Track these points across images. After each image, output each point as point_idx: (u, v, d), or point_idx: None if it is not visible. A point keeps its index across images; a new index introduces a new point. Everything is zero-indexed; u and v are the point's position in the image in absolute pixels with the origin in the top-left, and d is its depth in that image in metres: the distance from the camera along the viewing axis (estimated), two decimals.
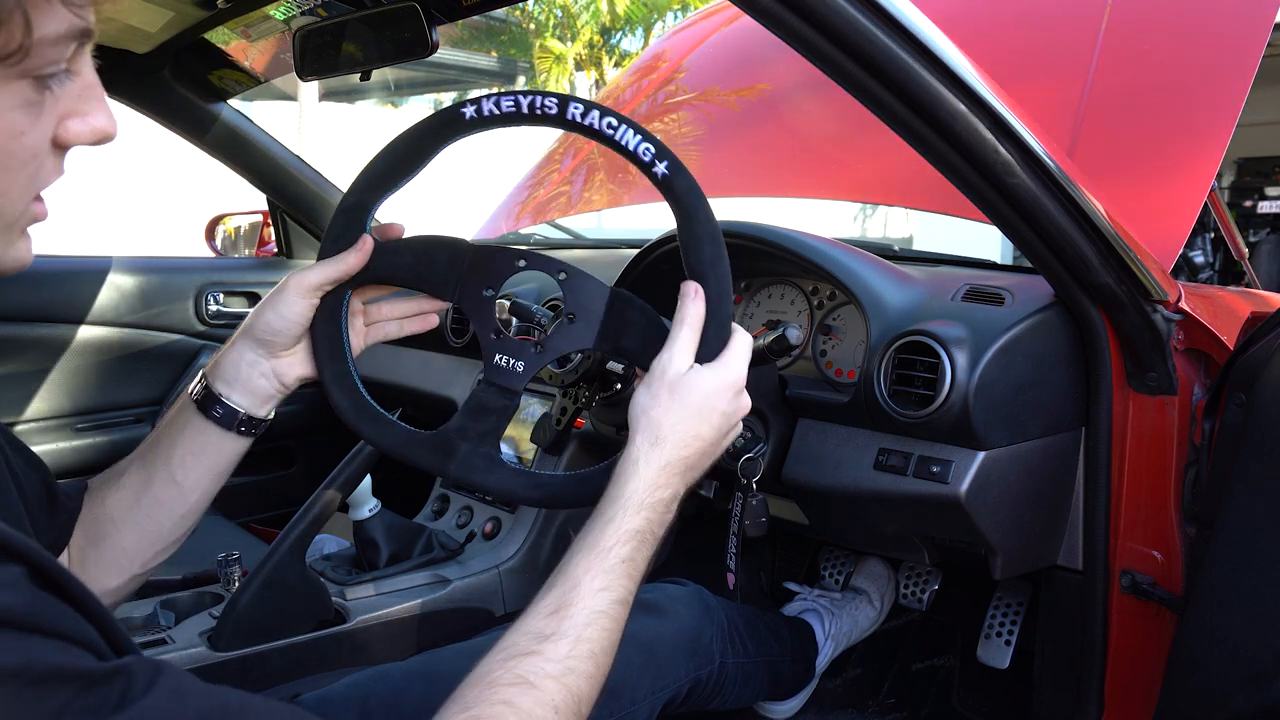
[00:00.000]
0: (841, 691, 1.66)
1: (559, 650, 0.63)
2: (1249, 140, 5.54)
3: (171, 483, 0.81)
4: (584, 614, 0.65)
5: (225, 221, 2.40)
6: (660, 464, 0.72)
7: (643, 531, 0.71)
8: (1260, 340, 1.03)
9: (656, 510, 0.72)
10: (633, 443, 0.73)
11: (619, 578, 0.68)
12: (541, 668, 0.62)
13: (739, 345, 0.78)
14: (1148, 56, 1.51)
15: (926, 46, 0.83)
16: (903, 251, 1.73)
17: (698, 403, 0.74)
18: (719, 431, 0.76)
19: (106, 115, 0.53)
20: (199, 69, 1.71)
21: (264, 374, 0.83)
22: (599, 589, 0.67)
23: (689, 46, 2.28)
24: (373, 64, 1.24)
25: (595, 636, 0.65)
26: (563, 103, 0.77)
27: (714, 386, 0.75)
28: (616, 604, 0.68)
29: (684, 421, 0.74)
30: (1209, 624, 1.01)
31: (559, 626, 0.64)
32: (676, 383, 0.74)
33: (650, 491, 0.72)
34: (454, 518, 1.58)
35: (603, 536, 0.69)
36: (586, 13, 15.24)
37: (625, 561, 0.69)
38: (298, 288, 0.82)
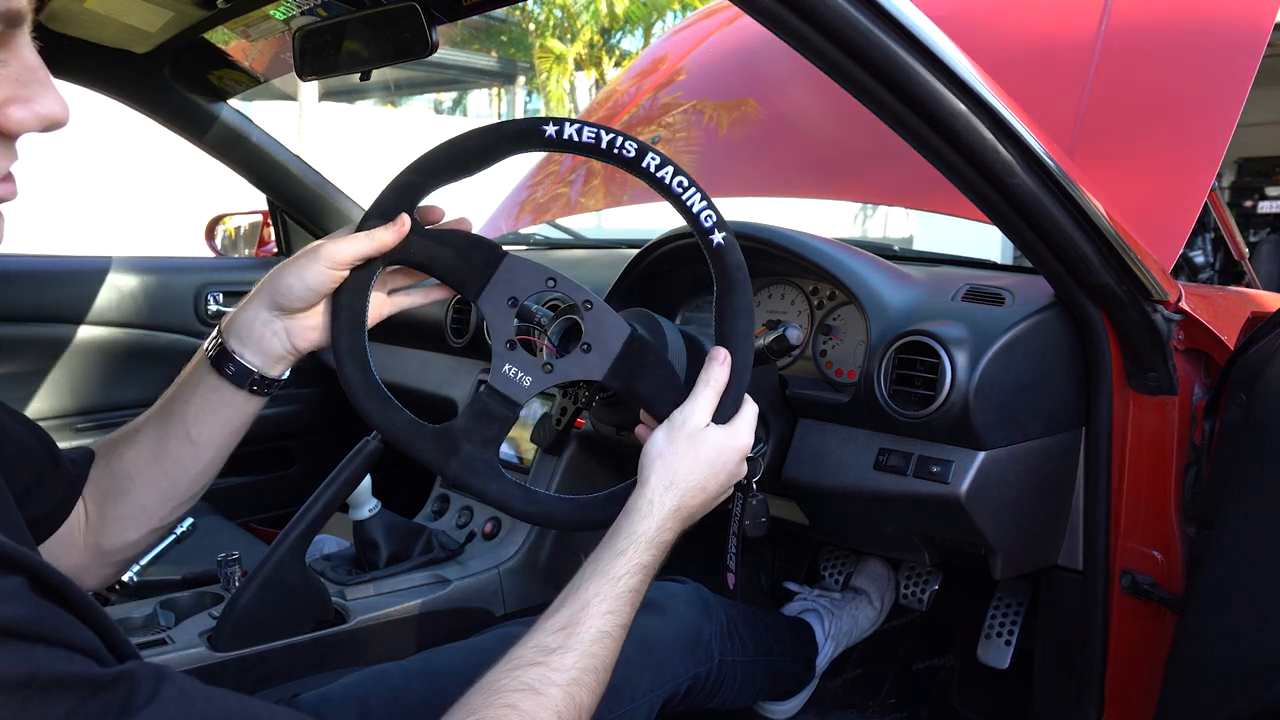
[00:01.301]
0: (841, 691, 1.66)
1: (565, 661, 0.67)
2: (1249, 140, 5.55)
3: (187, 440, 0.82)
4: (591, 632, 0.70)
5: (225, 221, 2.40)
6: (671, 508, 0.79)
7: (649, 566, 0.76)
8: (1260, 340, 1.03)
9: (661, 550, 0.77)
10: (647, 483, 0.79)
11: (624, 605, 0.73)
12: (548, 676, 0.65)
13: (749, 414, 0.86)
14: (1148, 56, 1.51)
15: (926, 46, 0.83)
16: (903, 251, 1.73)
17: (711, 459, 0.81)
18: (721, 488, 0.83)
19: (54, 99, 0.50)
20: (199, 69, 1.71)
21: (276, 333, 0.83)
22: (606, 612, 0.71)
23: (689, 46, 2.28)
24: (373, 64, 1.24)
25: (599, 654, 0.69)
26: (640, 152, 0.80)
27: (727, 446, 0.82)
28: (619, 628, 0.72)
29: (697, 473, 0.80)
30: (1209, 624, 1.01)
31: (566, 641, 0.68)
32: (695, 436, 0.81)
33: (660, 532, 0.77)
34: (454, 518, 1.58)
35: (614, 566, 0.74)
36: (586, 13, 15.23)
37: (632, 592, 0.74)
38: (329, 259, 0.81)
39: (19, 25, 0.47)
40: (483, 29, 15.67)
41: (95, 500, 0.82)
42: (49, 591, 0.45)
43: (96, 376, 1.94)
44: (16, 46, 0.48)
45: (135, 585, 1.33)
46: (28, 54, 0.49)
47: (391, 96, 16.91)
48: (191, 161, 2.49)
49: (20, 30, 0.48)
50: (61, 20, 1.41)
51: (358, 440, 1.25)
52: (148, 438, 0.82)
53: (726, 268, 0.82)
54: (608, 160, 0.81)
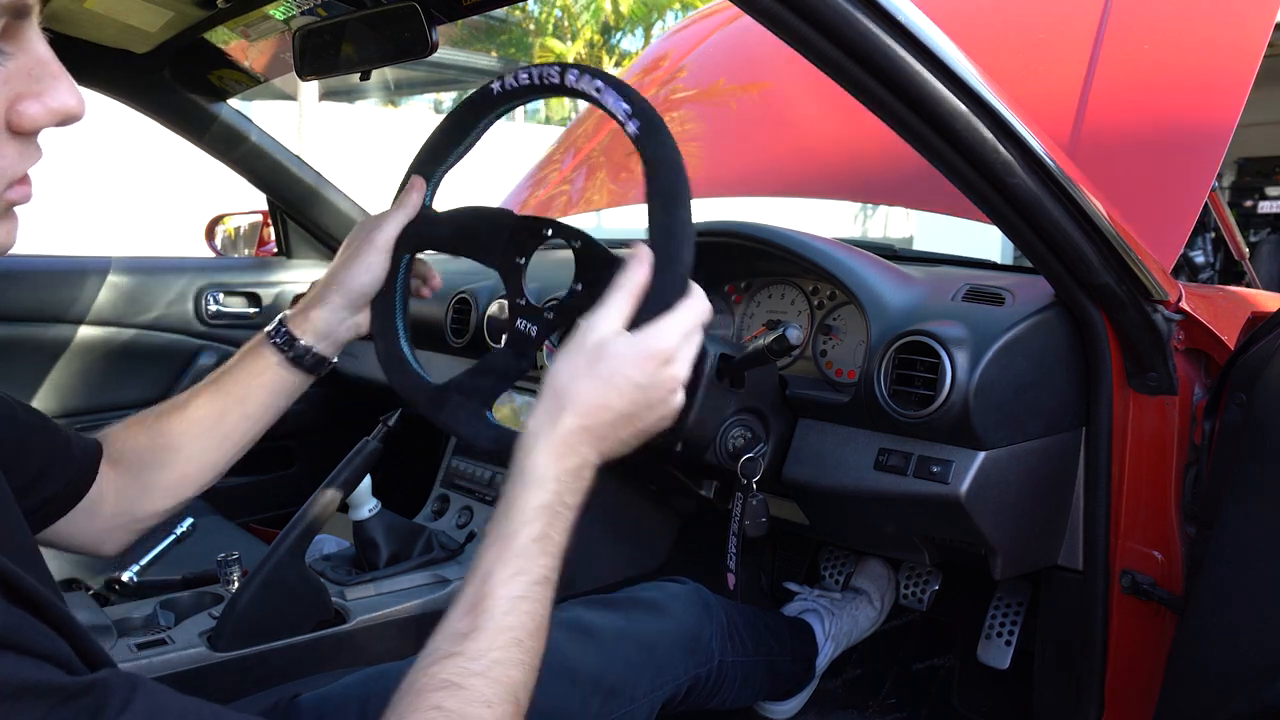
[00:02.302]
0: (841, 692, 1.66)
1: (479, 646, 0.61)
2: (1249, 140, 5.54)
3: (244, 416, 0.89)
4: (501, 604, 0.63)
5: (225, 221, 2.40)
6: (561, 433, 0.68)
7: (551, 505, 0.67)
8: (1261, 340, 1.03)
9: (563, 481, 0.68)
10: (534, 414, 0.70)
11: (533, 558, 0.65)
12: (465, 666, 0.60)
13: (676, 315, 0.72)
14: (1148, 56, 1.51)
15: (926, 46, 0.83)
16: (903, 251, 1.73)
17: (608, 371, 0.69)
18: (634, 403, 0.70)
19: (69, 93, 0.48)
20: (199, 69, 1.71)
21: (349, 326, 0.93)
22: (513, 574, 0.64)
23: (689, 46, 2.28)
24: (373, 64, 1.24)
25: (517, 623, 0.63)
26: (562, 72, 0.82)
27: (630, 354, 0.70)
28: (535, 585, 0.64)
29: (590, 390, 0.69)
30: (1209, 624, 1.01)
31: (477, 622, 0.62)
32: (594, 349, 0.70)
33: (553, 462, 0.68)
34: (454, 518, 1.58)
35: (509, 519, 0.66)
36: (587, 12, 15.23)
37: (537, 540, 0.66)
38: (382, 244, 0.90)
39: (26, 17, 0.46)
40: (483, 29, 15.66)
41: (133, 470, 0.86)
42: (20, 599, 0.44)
43: (96, 376, 1.94)
44: (25, 39, 0.47)
45: (135, 585, 1.33)
46: (38, 46, 0.47)
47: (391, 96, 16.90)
48: (191, 161, 2.49)
49: (28, 22, 0.46)
50: (61, 20, 1.40)
51: (358, 440, 1.25)
52: (201, 414, 0.88)
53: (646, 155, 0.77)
54: (544, 93, 0.85)
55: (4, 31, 0.45)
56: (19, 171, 0.49)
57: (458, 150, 0.91)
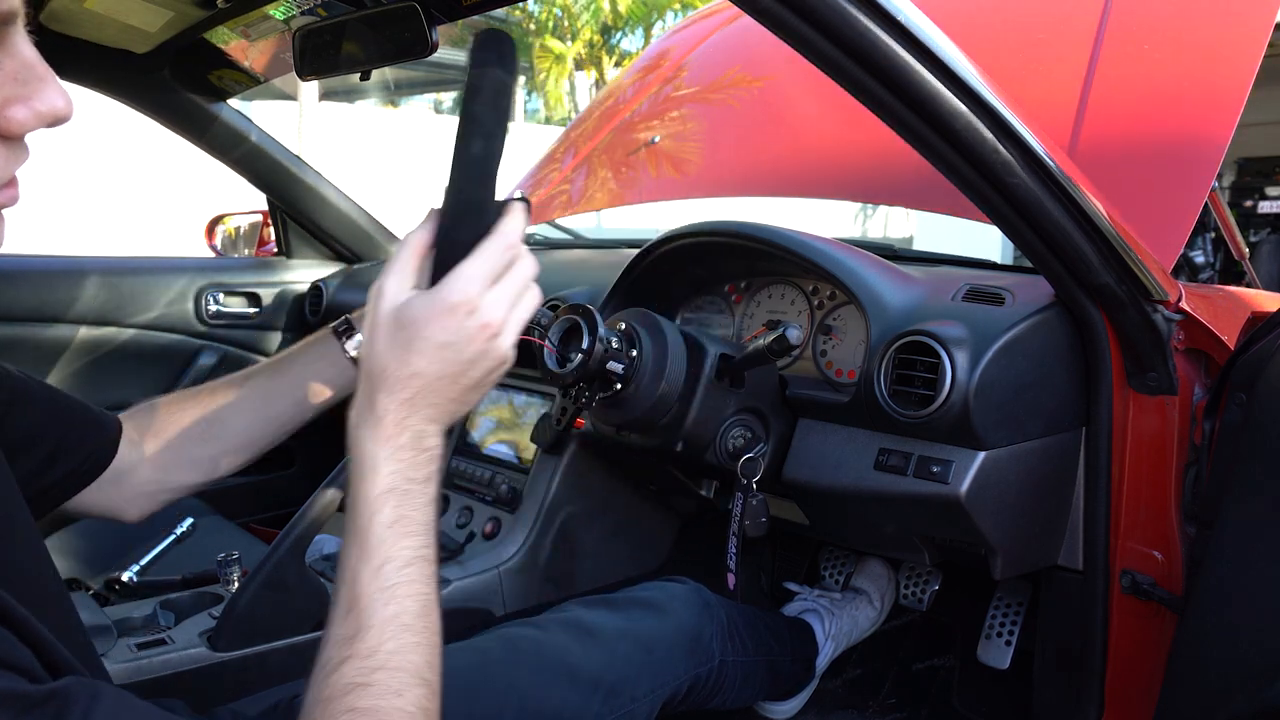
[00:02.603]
0: (841, 691, 1.66)
1: (368, 644, 0.60)
2: (1249, 140, 5.54)
3: (294, 402, 0.93)
4: (376, 598, 0.61)
5: (225, 221, 2.41)
6: (379, 414, 0.64)
7: (395, 488, 0.63)
8: (1261, 340, 1.03)
9: (401, 459, 0.64)
10: (353, 404, 0.67)
11: (394, 543, 0.63)
12: (363, 665, 0.59)
13: (473, 260, 0.65)
14: (1148, 56, 1.51)
15: (926, 46, 0.82)
16: (903, 251, 1.73)
17: (406, 338, 0.64)
18: (447, 363, 0.65)
19: (57, 95, 0.49)
20: (199, 69, 1.71)
21: None
22: (378, 566, 0.62)
23: (689, 46, 2.28)
24: (373, 64, 1.24)
25: (400, 609, 0.61)
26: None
27: (425, 315, 0.64)
28: (406, 568, 0.62)
29: (395, 362, 0.64)
30: (1209, 624, 1.01)
31: (358, 622, 0.61)
32: (388, 319, 0.65)
33: (382, 445, 0.64)
34: (454, 518, 1.58)
35: (358, 514, 0.64)
36: (587, 13, 15.23)
37: (391, 525, 0.63)
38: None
39: (12, 23, 0.46)
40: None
41: (173, 443, 0.90)
42: None
43: (96, 376, 1.94)
44: (12, 44, 0.47)
45: (135, 585, 1.33)
46: (25, 50, 0.48)
47: (391, 96, 16.90)
48: (192, 161, 2.49)
49: (14, 27, 0.47)
50: (61, 20, 1.41)
51: None
52: (253, 394, 0.92)
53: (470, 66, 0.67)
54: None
55: None
56: (6, 175, 0.50)
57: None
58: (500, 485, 1.56)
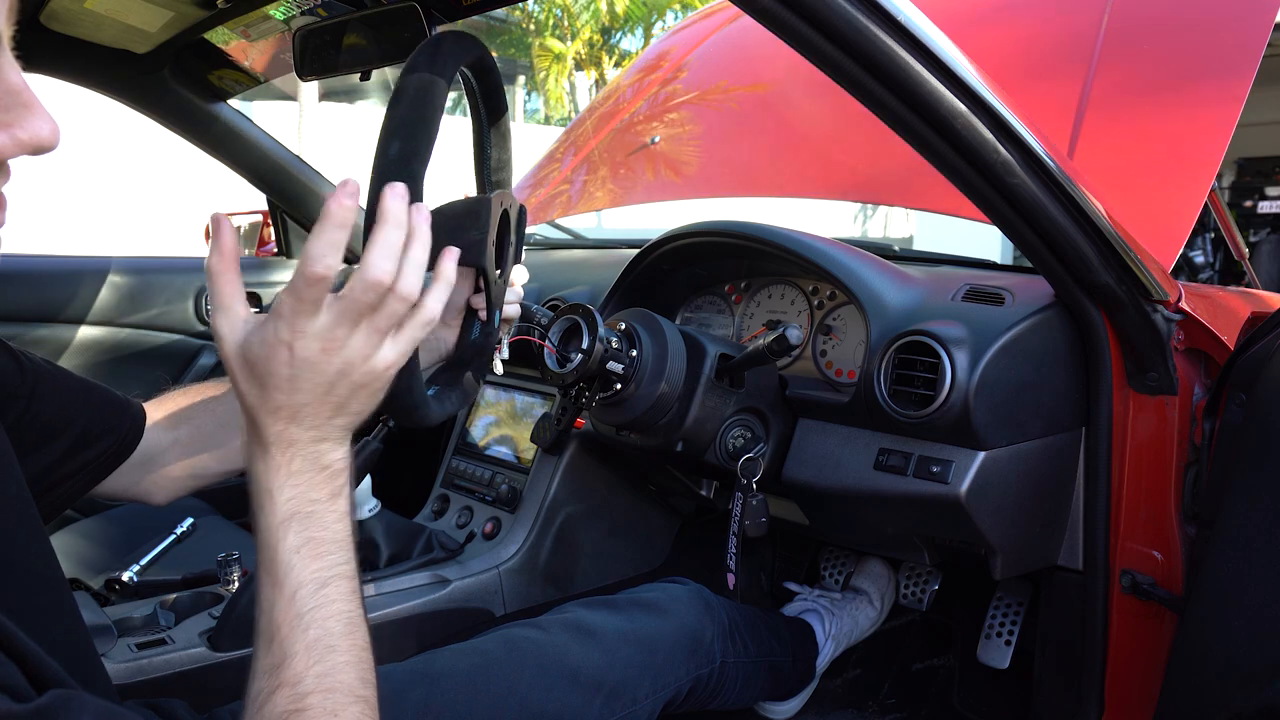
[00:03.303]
0: (841, 691, 1.66)
1: (295, 671, 0.59)
2: (1249, 140, 5.55)
3: None
4: (294, 625, 0.60)
5: None
6: (264, 446, 0.63)
7: (296, 513, 0.62)
8: (1260, 340, 1.03)
9: (298, 484, 0.63)
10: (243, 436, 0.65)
11: (303, 568, 0.61)
12: (292, 693, 0.58)
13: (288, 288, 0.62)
14: (1148, 56, 1.51)
15: (926, 46, 0.83)
16: (903, 251, 1.73)
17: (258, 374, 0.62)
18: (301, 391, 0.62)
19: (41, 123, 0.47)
20: (199, 69, 1.71)
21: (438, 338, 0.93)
22: (291, 594, 0.61)
23: (689, 46, 2.28)
24: (373, 64, 1.24)
25: (323, 632, 0.60)
26: None
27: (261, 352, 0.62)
28: (322, 589, 0.61)
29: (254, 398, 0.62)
30: (1209, 624, 1.01)
31: (283, 650, 0.60)
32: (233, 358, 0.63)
33: (273, 474, 0.62)
34: (454, 518, 1.58)
35: (264, 545, 0.62)
36: (586, 12, 15.23)
37: (298, 550, 0.61)
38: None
39: None
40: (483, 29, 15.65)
41: (206, 431, 0.91)
42: None
43: (96, 376, 1.91)
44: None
45: (135, 585, 1.33)
46: (10, 75, 0.46)
47: None
48: (192, 161, 2.49)
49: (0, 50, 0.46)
50: (61, 20, 1.41)
51: (358, 440, 1.25)
52: None
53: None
54: None
55: None
56: None
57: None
58: (500, 485, 1.56)
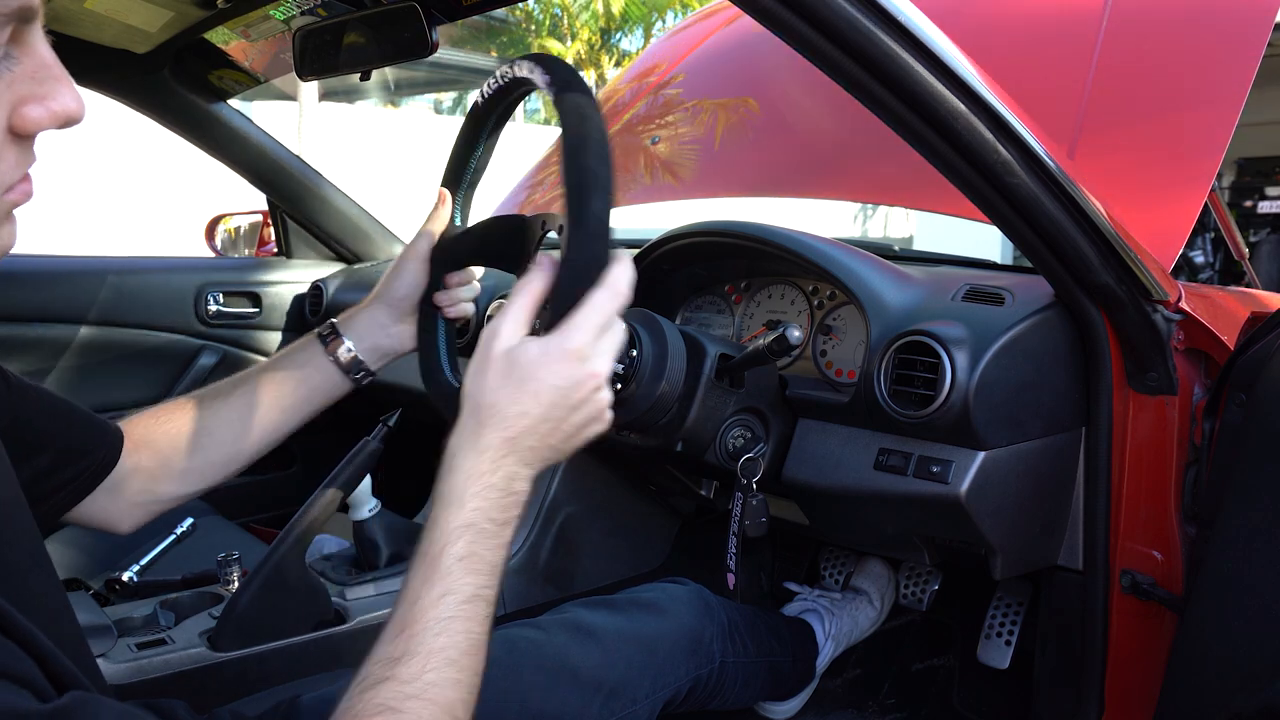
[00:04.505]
0: (841, 691, 1.66)
1: (411, 670, 0.60)
2: (1249, 140, 5.54)
3: (279, 409, 0.92)
4: (430, 626, 0.62)
5: (225, 221, 2.41)
6: (481, 447, 0.66)
7: (474, 524, 0.65)
8: (1260, 340, 1.03)
9: (488, 498, 0.66)
10: (455, 430, 0.68)
11: (460, 577, 0.63)
12: (399, 690, 0.59)
13: (585, 310, 0.67)
14: (1148, 56, 1.51)
15: (926, 46, 0.83)
16: (903, 251, 1.73)
17: (521, 376, 0.66)
18: (555, 407, 0.67)
19: (70, 96, 0.49)
20: (199, 69, 1.71)
21: (390, 335, 0.95)
22: (439, 596, 0.63)
23: (689, 46, 2.28)
24: (373, 64, 1.24)
25: (449, 644, 0.62)
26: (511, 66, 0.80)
27: (542, 358, 0.66)
28: (464, 604, 0.63)
29: (506, 398, 0.66)
30: (1209, 624, 1.01)
31: (407, 646, 0.61)
32: (502, 358, 0.67)
33: (474, 480, 0.66)
34: None
35: (432, 541, 0.65)
36: (586, 13, 15.23)
37: (462, 559, 0.64)
38: (413, 255, 0.92)
39: (32, 21, 0.47)
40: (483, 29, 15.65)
41: (163, 455, 0.89)
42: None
43: (96, 376, 1.94)
44: (30, 43, 0.47)
45: (135, 585, 1.33)
46: (42, 50, 0.48)
47: (392, 96, 16.89)
48: (192, 161, 2.49)
49: (33, 26, 0.47)
50: (61, 20, 1.41)
51: (358, 440, 1.25)
52: (239, 403, 0.92)
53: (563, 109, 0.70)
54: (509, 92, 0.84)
55: (11, 36, 0.46)
56: (19, 173, 0.50)
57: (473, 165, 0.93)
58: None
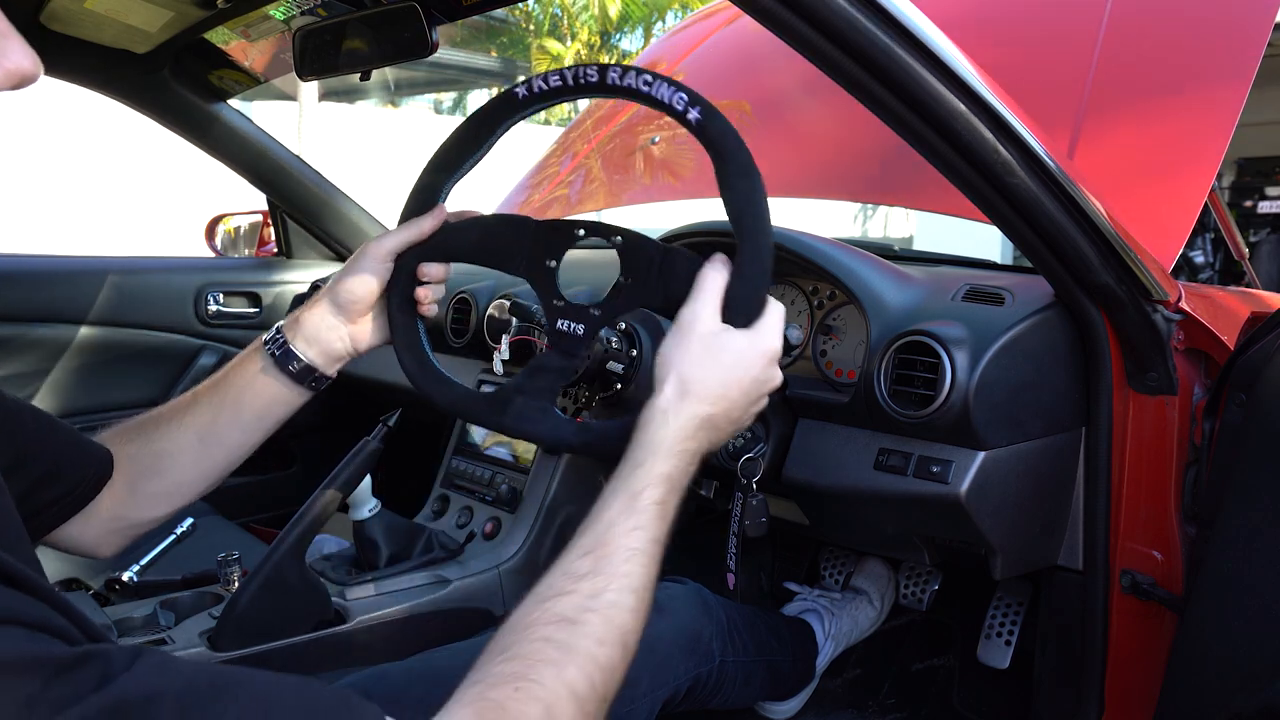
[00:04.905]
0: (841, 691, 1.66)
1: (596, 585, 0.63)
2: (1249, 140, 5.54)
3: (237, 425, 0.88)
4: (620, 552, 0.65)
5: (225, 221, 2.41)
6: (687, 415, 0.72)
7: (672, 476, 0.70)
8: (1260, 340, 1.03)
9: (684, 459, 0.72)
10: (660, 393, 0.73)
11: (652, 519, 0.68)
12: (580, 604, 0.62)
13: (775, 314, 0.77)
14: (1148, 56, 1.51)
15: (927, 46, 0.83)
16: (903, 251, 1.73)
17: (730, 362, 0.74)
18: (747, 397, 0.75)
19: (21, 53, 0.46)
20: (199, 69, 1.71)
21: (341, 337, 0.89)
22: (633, 528, 0.67)
23: (689, 46, 2.28)
24: (373, 64, 1.24)
25: (633, 571, 0.65)
26: (602, 71, 0.81)
27: (748, 350, 0.75)
28: (651, 543, 0.67)
29: (713, 378, 0.73)
30: (1209, 624, 1.01)
31: (595, 565, 0.64)
32: (709, 339, 0.74)
33: (678, 440, 0.71)
34: (454, 518, 1.58)
35: (633, 480, 0.69)
36: (586, 13, 15.23)
37: (657, 504, 0.69)
38: (375, 254, 0.87)
39: None
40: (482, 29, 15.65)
41: (129, 478, 0.85)
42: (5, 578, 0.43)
43: (96, 376, 1.94)
44: None
45: (135, 585, 1.33)
46: None
47: (391, 96, 16.90)
48: (192, 161, 2.49)
49: None
50: (61, 20, 1.41)
51: (358, 440, 1.25)
52: (195, 421, 0.87)
53: (711, 139, 0.78)
54: (580, 94, 0.84)
55: None
56: None
57: (474, 157, 0.90)
58: (500, 485, 1.56)
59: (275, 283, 2.18)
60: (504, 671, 0.57)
